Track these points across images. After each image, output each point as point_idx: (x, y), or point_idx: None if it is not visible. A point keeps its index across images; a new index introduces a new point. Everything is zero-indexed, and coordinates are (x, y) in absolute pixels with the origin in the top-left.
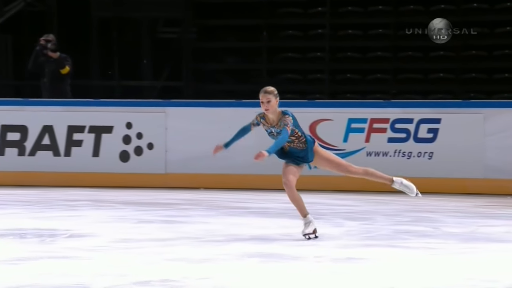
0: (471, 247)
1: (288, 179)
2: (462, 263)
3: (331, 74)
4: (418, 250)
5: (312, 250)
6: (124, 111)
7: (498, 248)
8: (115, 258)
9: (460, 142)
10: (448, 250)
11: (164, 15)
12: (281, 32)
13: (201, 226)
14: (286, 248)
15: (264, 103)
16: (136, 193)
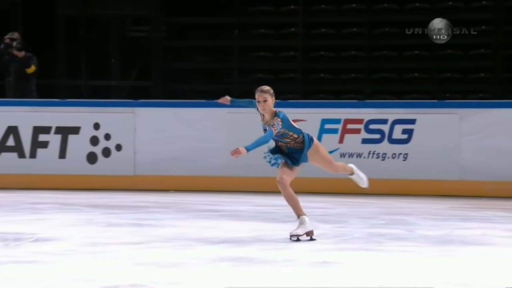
0: (447, 250)
1: (282, 177)
2: (438, 267)
3: (304, 74)
4: (393, 253)
5: (285, 253)
6: (92, 111)
7: (474, 251)
8: (82, 262)
9: (435, 143)
10: (423, 254)
11: (133, 13)
12: (252, 31)
13: (171, 229)
14: (258, 252)
15: (260, 102)
16: (104, 195)
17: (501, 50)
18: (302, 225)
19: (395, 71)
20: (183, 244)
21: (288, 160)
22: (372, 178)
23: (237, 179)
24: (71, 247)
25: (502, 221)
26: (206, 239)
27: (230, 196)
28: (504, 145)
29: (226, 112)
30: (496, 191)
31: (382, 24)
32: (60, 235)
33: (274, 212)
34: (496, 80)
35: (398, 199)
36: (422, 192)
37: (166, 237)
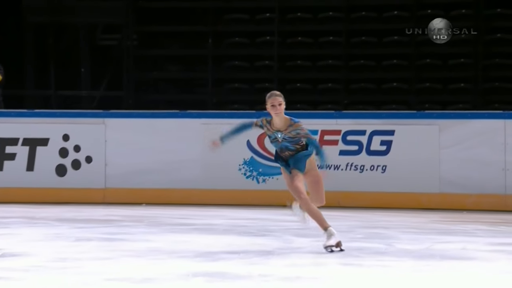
0: (426, 265)
1: (303, 193)
2: (417, 281)
3: (280, 84)
4: (371, 268)
5: (260, 268)
6: (61, 122)
7: (454, 266)
8: (51, 278)
9: (414, 154)
10: (402, 268)
11: (103, 20)
12: (227, 40)
13: (142, 244)
14: (233, 267)
15: (275, 106)
16: (74, 209)
17: (481, 60)
18: (332, 236)
19: (373, 81)
20: (155, 259)
21: (296, 167)
22: (350, 191)
23: (211, 192)
24: (39, 263)
25: (483, 234)
26: (179, 253)
27: (204, 209)
28: (485, 157)
29: (200, 123)
30: (476, 204)
31: (359, 33)
32: (28, 251)
33: (249, 225)
34: (476, 90)
35: (377, 212)
36: (401, 205)
37: (138, 252)
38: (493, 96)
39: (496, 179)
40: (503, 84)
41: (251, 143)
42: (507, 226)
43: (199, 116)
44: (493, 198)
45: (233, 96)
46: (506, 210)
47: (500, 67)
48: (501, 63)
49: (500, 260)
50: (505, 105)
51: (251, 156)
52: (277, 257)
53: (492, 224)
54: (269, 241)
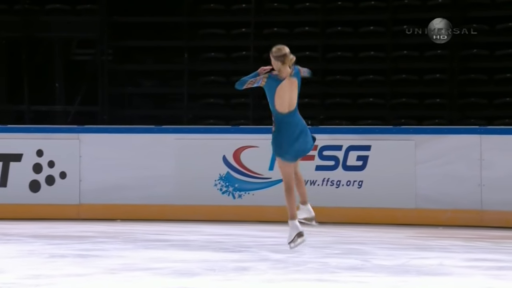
0: (402, 281)
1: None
2: None
3: (255, 99)
4: (347, 284)
5: (236, 284)
6: (35, 137)
7: (430, 282)
8: None
9: (390, 170)
10: (378, 284)
11: (77, 35)
12: (202, 54)
13: (117, 260)
14: (209, 283)
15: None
16: (48, 225)
17: (457, 75)
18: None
19: (349, 96)
20: (130, 275)
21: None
22: (327, 206)
23: (186, 208)
24: (12, 280)
25: (459, 250)
26: (154, 270)
27: (180, 225)
28: (461, 172)
29: (174, 138)
30: (453, 220)
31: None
32: (0, 268)
33: (225, 241)
34: (452, 105)
35: (353, 227)
36: (377, 220)
37: (113, 269)
38: (469, 111)
39: (472, 194)
40: (479, 99)
41: (227, 158)
42: (483, 242)
43: (174, 131)
44: (469, 213)
45: (208, 111)
46: (482, 226)
47: (475, 82)
48: (476, 78)
49: (476, 276)
50: (481, 121)
51: (227, 171)
52: (253, 273)
53: (468, 240)
54: (245, 257)
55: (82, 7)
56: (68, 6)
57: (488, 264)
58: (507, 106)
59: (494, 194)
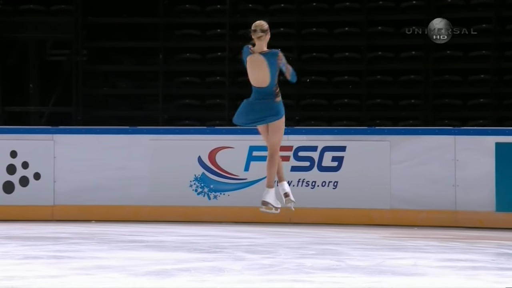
0: (377, 281)
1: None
2: None
3: (231, 100)
4: (323, 284)
5: (211, 285)
6: (8, 138)
7: (404, 282)
8: None
9: (365, 170)
10: (353, 284)
11: (52, 36)
12: (178, 55)
13: (92, 261)
14: (184, 284)
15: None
16: (22, 226)
17: (432, 76)
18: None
19: (324, 97)
20: (105, 276)
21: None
22: (302, 207)
23: (162, 209)
24: None
25: (433, 250)
26: (129, 270)
27: (155, 226)
28: (435, 173)
29: (149, 139)
30: (427, 220)
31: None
32: None
33: (200, 242)
34: (427, 106)
35: (328, 228)
36: (352, 221)
37: (87, 270)
38: (443, 112)
39: (447, 195)
40: (453, 100)
41: (202, 159)
42: (457, 242)
43: (149, 132)
44: (443, 214)
45: (184, 112)
46: (456, 226)
47: (450, 83)
48: (451, 79)
49: (450, 276)
50: (455, 121)
51: (202, 172)
52: (228, 273)
53: (443, 240)
54: (221, 257)
55: (57, 8)
56: (42, 6)
57: (462, 264)
58: (481, 107)
59: (468, 195)
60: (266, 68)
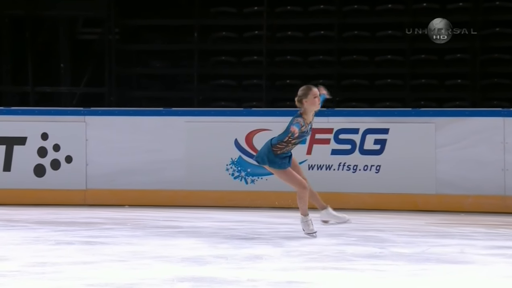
0: (422, 269)
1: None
2: (413, 286)
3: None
4: (365, 272)
5: (249, 273)
6: (39, 120)
7: (450, 270)
8: (29, 284)
9: (409, 154)
10: (397, 272)
11: (84, 13)
12: (214, 34)
13: (126, 247)
14: (220, 271)
15: (317, 97)
16: (53, 211)
17: (479, 55)
18: (309, 224)
19: (366, 77)
20: (139, 263)
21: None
22: (343, 192)
23: (197, 193)
24: (17, 268)
25: (481, 237)
26: (164, 257)
27: (190, 211)
28: (483, 156)
29: (184, 121)
30: (475, 206)
31: (352, 27)
32: (5, 255)
33: (237, 228)
34: (474, 87)
35: (371, 214)
36: (396, 206)
37: (120, 256)
38: (492, 92)
39: (495, 179)
40: (502, 80)
41: (239, 142)
42: (506, 229)
43: (184, 113)
44: (492, 199)
45: (219, 93)
46: (505, 212)
47: (499, 62)
48: (500, 58)
49: (499, 264)
50: (504, 102)
51: (239, 155)
52: (266, 261)
53: (491, 227)
54: (258, 244)
55: None
56: None
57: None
58: None
59: None
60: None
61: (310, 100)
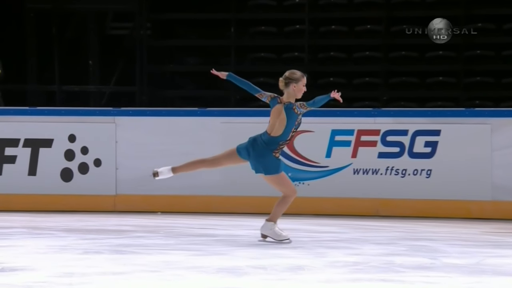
0: (477, 281)
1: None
2: None
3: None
4: (414, 284)
5: (290, 285)
6: (66, 121)
7: (508, 283)
8: None
9: (463, 157)
10: (449, 285)
11: (113, 7)
12: (252, 28)
13: (158, 257)
14: (259, 283)
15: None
16: (81, 218)
17: None
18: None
19: (416, 75)
20: (172, 274)
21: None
22: (391, 198)
23: (234, 199)
24: (43, 278)
25: None
26: (198, 268)
27: (227, 218)
28: None
29: (220, 122)
30: None
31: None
32: (30, 264)
33: None
34: None
35: (421, 222)
36: (448, 214)
37: (153, 266)
38: None
39: None
40: None
41: None
42: None
43: (220, 114)
44: None
45: None
46: None
47: None
48: None
49: None
50: None
51: None
52: (308, 272)
53: None
54: (300, 254)
55: None
56: None
57: None
58: None
59: None
60: (282, 120)
61: (299, 87)
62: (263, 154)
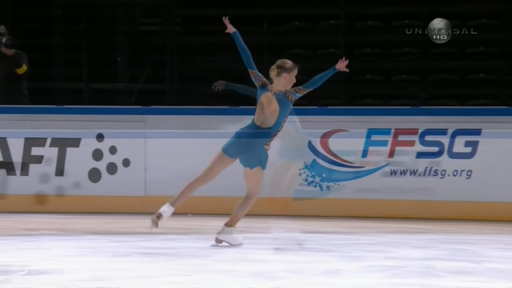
0: None
1: None
2: None
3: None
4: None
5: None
6: (94, 119)
7: None
8: None
9: (505, 158)
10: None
11: (143, 2)
12: (285, 24)
13: (189, 260)
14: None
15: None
16: (110, 220)
17: None
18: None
19: (456, 72)
20: (203, 278)
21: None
22: (430, 200)
23: (267, 200)
24: (71, 282)
25: None
26: (231, 272)
27: (259, 220)
28: None
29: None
30: None
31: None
32: (57, 267)
33: (311, 240)
34: None
35: (461, 224)
36: (490, 216)
37: (184, 270)
38: None
39: None
40: None
41: (313, 144)
42: None
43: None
44: None
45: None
46: None
47: None
48: None
49: None
50: None
51: (313, 158)
52: (344, 276)
53: None
54: (335, 257)
55: None
56: None
57: None
58: None
59: None
60: (274, 109)
61: (291, 77)
62: (256, 146)
